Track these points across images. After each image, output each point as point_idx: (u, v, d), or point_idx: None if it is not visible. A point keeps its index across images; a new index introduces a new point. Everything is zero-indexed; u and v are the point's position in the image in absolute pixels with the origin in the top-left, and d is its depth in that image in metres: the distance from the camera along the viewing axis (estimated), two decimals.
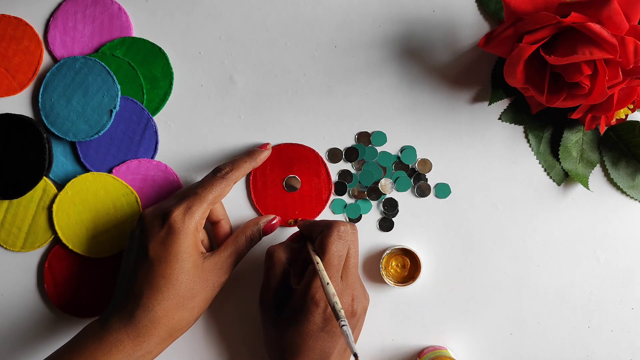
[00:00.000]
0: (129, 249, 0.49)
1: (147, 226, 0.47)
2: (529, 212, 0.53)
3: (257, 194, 0.53)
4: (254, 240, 0.50)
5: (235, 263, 0.49)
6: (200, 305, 0.47)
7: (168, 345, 0.47)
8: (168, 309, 0.45)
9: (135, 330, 0.45)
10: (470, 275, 0.54)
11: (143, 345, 0.45)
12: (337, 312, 0.42)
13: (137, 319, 0.45)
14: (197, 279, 0.47)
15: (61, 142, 0.53)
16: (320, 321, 0.45)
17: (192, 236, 0.46)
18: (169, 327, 0.46)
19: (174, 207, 0.47)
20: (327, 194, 0.53)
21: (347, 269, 0.47)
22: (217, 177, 0.48)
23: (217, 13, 0.53)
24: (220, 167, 0.49)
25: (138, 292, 0.46)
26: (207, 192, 0.47)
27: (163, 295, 0.45)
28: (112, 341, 0.45)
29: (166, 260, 0.46)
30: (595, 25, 0.43)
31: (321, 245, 0.46)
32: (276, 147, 0.53)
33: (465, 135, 0.53)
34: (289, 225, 0.53)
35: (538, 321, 0.54)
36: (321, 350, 0.45)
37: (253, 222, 0.51)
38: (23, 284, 0.54)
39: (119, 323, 0.45)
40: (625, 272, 0.53)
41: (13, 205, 0.53)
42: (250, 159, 0.51)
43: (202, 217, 0.47)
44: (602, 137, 0.53)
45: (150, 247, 0.46)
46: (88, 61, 0.52)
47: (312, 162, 0.53)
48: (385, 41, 0.53)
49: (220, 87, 0.54)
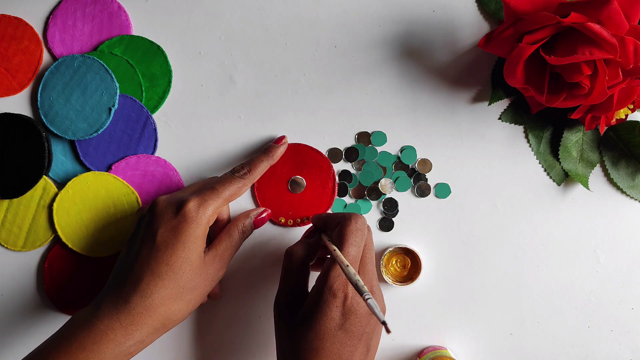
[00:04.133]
0: (134, 235, 0.48)
1: (159, 212, 0.47)
2: (529, 212, 0.53)
3: (261, 194, 0.53)
4: (246, 233, 0.50)
5: (230, 257, 0.49)
6: (197, 299, 0.47)
7: (159, 336, 0.46)
8: (166, 298, 0.45)
9: (129, 317, 0.44)
10: (470, 275, 0.53)
11: (135, 334, 0.44)
12: (359, 287, 0.39)
13: (133, 305, 0.44)
14: (199, 272, 0.46)
15: (60, 141, 0.53)
16: (338, 316, 0.42)
17: (202, 228, 0.46)
18: (163, 317, 0.45)
19: (190, 197, 0.47)
20: (326, 207, 0.53)
21: (365, 263, 0.45)
22: (236, 176, 0.49)
23: (217, 13, 0.54)
24: (238, 167, 0.50)
25: (138, 276, 0.45)
26: (224, 189, 0.48)
27: (163, 282, 0.45)
28: (103, 329, 0.43)
29: (172, 247, 0.45)
30: (595, 25, 0.43)
31: (340, 236, 0.44)
32: (293, 145, 0.53)
33: (465, 135, 0.53)
34: (279, 222, 0.53)
35: (538, 321, 0.53)
36: (339, 354, 0.42)
37: (244, 214, 0.51)
38: (23, 284, 0.54)
39: (111, 309, 0.44)
40: (625, 272, 0.53)
41: (13, 204, 0.53)
42: (267, 157, 0.51)
43: (214, 212, 0.47)
44: (602, 137, 0.53)
45: (159, 233, 0.46)
46: (86, 59, 0.52)
47: (324, 171, 0.53)
48: (385, 41, 0.53)
49: (220, 87, 0.54)
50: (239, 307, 0.54)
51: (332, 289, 0.43)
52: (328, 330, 0.42)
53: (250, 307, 0.54)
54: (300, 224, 0.53)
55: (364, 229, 0.45)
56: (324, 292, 0.43)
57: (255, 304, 0.54)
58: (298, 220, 0.53)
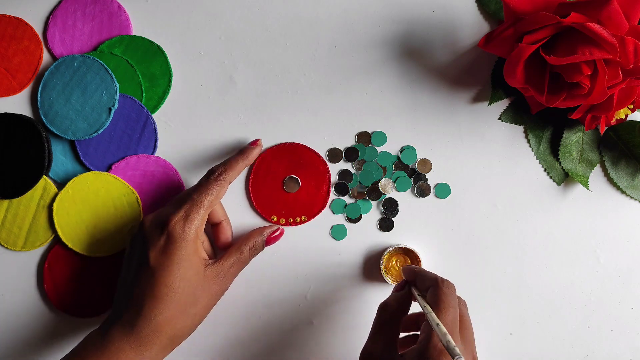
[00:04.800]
0: (129, 256, 0.49)
1: (147, 235, 0.47)
2: (529, 212, 0.53)
3: (255, 183, 0.53)
4: (257, 250, 0.51)
5: (237, 272, 0.49)
6: (202, 312, 0.47)
7: (170, 352, 0.47)
8: (170, 318, 0.45)
9: (137, 340, 0.45)
10: (470, 275, 0.53)
11: (145, 354, 0.45)
12: (451, 349, 0.37)
13: (139, 329, 0.45)
14: (199, 286, 0.46)
15: (60, 141, 0.53)
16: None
17: (192, 243, 0.46)
18: (170, 335, 0.46)
19: (172, 215, 0.46)
20: (319, 208, 0.53)
21: (465, 328, 0.43)
22: (211, 179, 0.48)
23: (217, 13, 0.54)
24: (213, 169, 0.49)
25: (139, 302, 0.45)
26: (203, 197, 0.47)
27: (165, 304, 0.45)
28: (114, 351, 0.44)
29: (167, 269, 0.45)
30: (595, 25, 0.43)
31: (435, 297, 0.42)
32: (291, 144, 0.53)
33: (465, 135, 0.53)
34: (271, 221, 0.53)
35: (538, 321, 0.53)
36: None
37: (257, 232, 0.51)
38: (23, 284, 0.54)
39: (120, 332, 0.45)
40: (625, 272, 0.53)
41: (13, 204, 0.53)
42: (242, 158, 0.50)
43: (201, 223, 0.47)
44: (602, 137, 0.53)
45: (150, 256, 0.46)
46: (86, 59, 0.52)
47: (320, 173, 0.53)
48: (385, 41, 0.53)
49: (220, 87, 0.54)
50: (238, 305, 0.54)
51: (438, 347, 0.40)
52: None
53: (250, 306, 0.54)
54: (292, 224, 0.53)
55: (455, 292, 0.43)
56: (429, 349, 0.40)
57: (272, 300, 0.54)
58: (290, 219, 0.53)
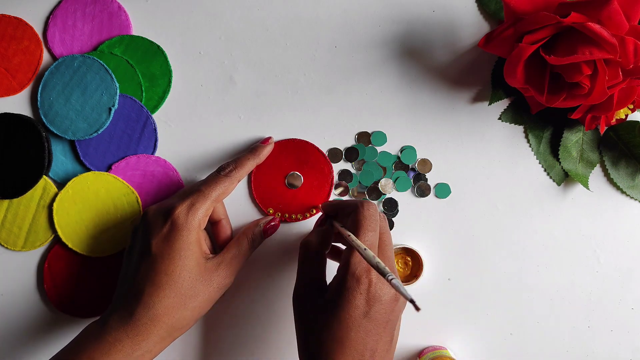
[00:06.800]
0: (131, 247, 0.49)
1: (150, 223, 0.47)
2: (529, 212, 0.53)
3: (257, 179, 0.53)
4: (255, 242, 0.50)
5: (239, 265, 0.49)
6: (202, 306, 0.47)
7: (167, 344, 0.47)
8: (169, 307, 0.45)
9: (135, 329, 0.45)
10: (470, 275, 0.53)
11: (142, 344, 0.45)
12: (381, 269, 0.38)
13: (137, 317, 0.45)
14: (200, 278, 0.46)
15: (60, 141, 0.53)
16: (362, 304, 0.41)
17: (195, 233, 0.46)
18: (168, 326, 0.46)
19: (177, 204, 0.47)
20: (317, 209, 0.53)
21: (384, 249, 0.44)
22: (221, 175, 0.49)
23: (217, 13, 0.54)
24: (224, 165, 0.50)
25: (139, 289, 0.45)
26: (210, 190, 0.48)
27: (164, 292, 0.45)
28: (111, 341, 0.44)
29: (169, 257, 0.45)
30: (595, 25, 0.43)
31: (354, 222, 0.44)
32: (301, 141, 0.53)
33: (465, 135, 0.53)
34: (266, 212, 0.53)
35: (538, 321, 0.53)
36: (364, 343, 0.41)
37: (253, 223, 0.51)
38: (23, 284, 0.54)
39: (118, 322, 0.45)
40: (625, 272, 0.53)
41: (13, 204, 0.53)
42: (253, 156, 0.51)
43: (205, 215, 0.47)
44: (602, 137, 0.53)
45: (152, 244, 0.46)
46: (86, 59, 0.52)
47: (324, 175, 0.53)
48: (385, 41, 0.53)
49: (220, 87, 0.54)
50: (245, 302, 0.54)
51: (355, 275, 0.42)
52: (353, 318, 0.41)
53: (249, 305, 0.54)
54: (288, 220, 0.53)
55: (377, 215, 0.45)
56: (347, 280, 0.42)
57: (267, 297, 0.54)
58: (286, 215, 0.53)
